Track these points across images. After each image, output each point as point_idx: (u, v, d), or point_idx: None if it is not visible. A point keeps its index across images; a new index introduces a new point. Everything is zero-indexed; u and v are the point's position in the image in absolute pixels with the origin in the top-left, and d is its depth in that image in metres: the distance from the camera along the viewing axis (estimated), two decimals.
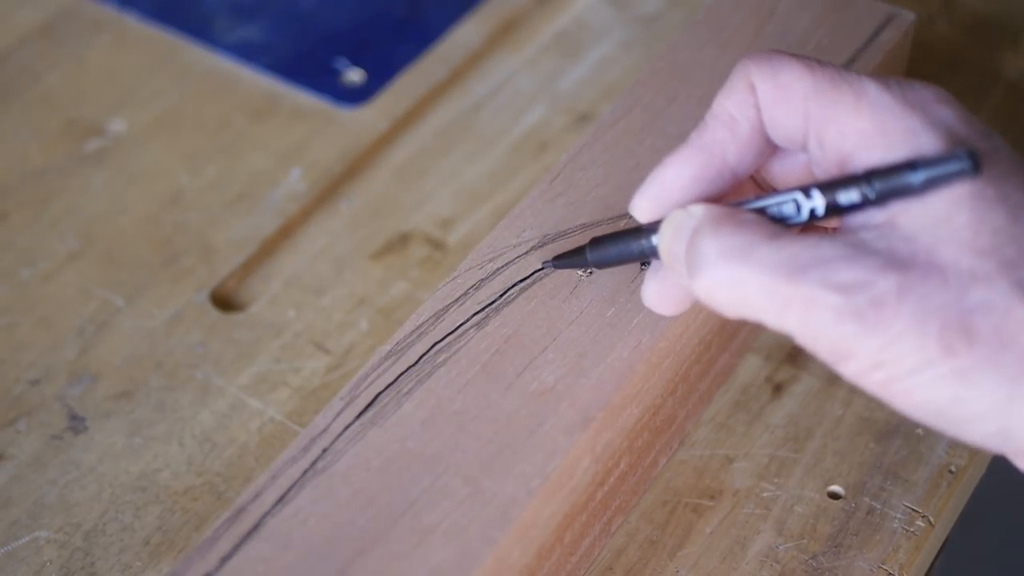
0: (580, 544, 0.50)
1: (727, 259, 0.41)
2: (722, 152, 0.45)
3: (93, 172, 0.67)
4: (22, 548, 0.53)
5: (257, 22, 0.74)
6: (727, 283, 0.41)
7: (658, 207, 0.46)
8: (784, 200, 0.43)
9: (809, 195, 0.43)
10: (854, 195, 0.41)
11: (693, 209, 0.44)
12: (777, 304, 0.40)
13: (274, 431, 0.57)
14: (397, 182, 0.67)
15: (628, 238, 0.47)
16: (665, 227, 0.45)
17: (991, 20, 0.73)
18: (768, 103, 0.44)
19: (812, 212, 0.43)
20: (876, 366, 0.40)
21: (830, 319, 0.39)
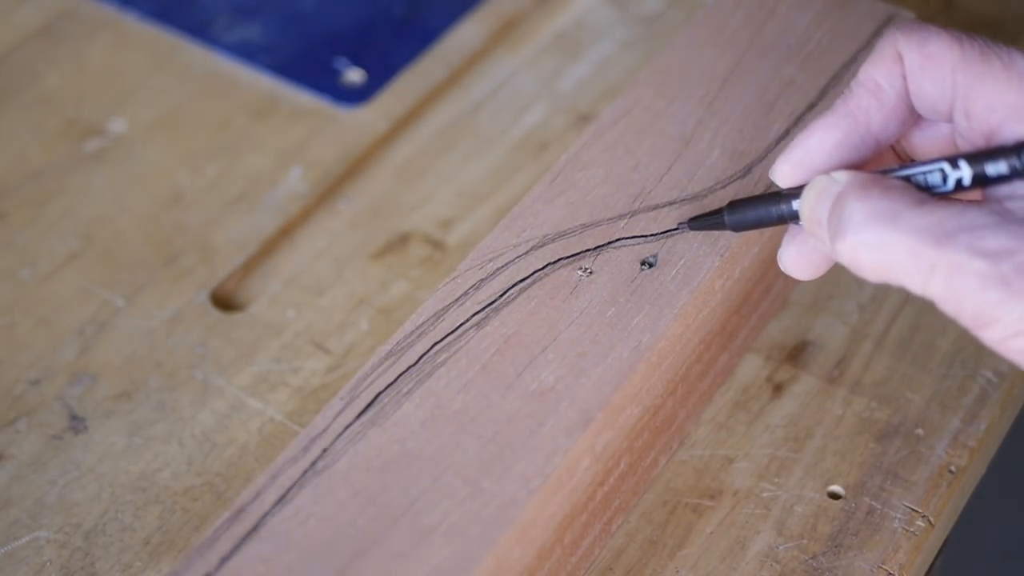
0: (580, 544, 0.50)
1: (874, 222, 0.41)
2: (867, 119, 0.45)
3: (93, 172, 0.67)
4: (22, 548, 0.53)
5: (257, 22, 0.74)
6: (873, 246, 0.42)
7: (802, 172, 0.46)
8: (931, 169, 0.44)
9: (956, 165, 0.43)
10: (1003, 167, 0.42)
11: (837, 175, 0.44)
12: (923, 268, 0.41)
13: (274, 431, 0.57)
14: (397, 182, 0.67)
15: (768, 202, 0.48)
16: (808, 192, 0.45)
17: (991, 20, 0.73)
18: (915, 73, 0.44)
19: (959, 182, 0.43)
20: (1018, 333, 0.40)
21: (975, 284, 0.40)
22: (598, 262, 0.51)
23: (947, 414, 0.57)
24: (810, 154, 0.46)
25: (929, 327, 0.60)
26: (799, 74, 0.57)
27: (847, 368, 0.58)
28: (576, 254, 0.51)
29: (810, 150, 0.46)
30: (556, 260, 0.51)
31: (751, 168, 0.54)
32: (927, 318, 0.60)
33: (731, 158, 0.54)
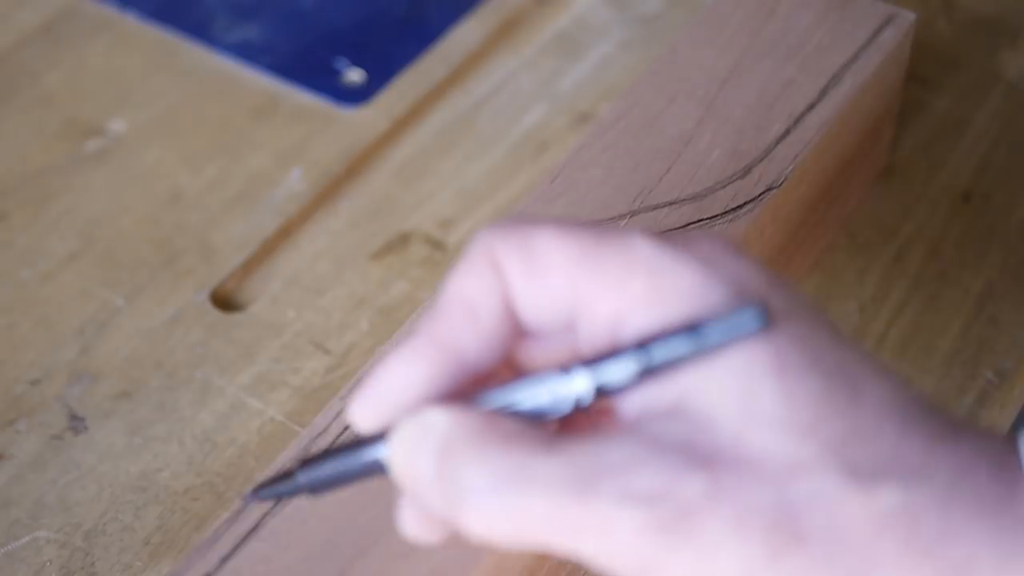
0: None
1: (502, 488, 0.34)
2: (459, 346, 0.36)
3: (93, 172, 0.67)
4: (22, 548, 0.53)
5: (257, 22, 0.74)
6: (504, 516, 0.34)
7: (384, 414, 0.37)
8: (540, 389, 0.35)
9: (571, 377, 0.35)
10: (627, 371, 0.34)
11: (432, 418, 0.35)
12: (569, 529, 0.34)
13: (274, 431, 0.57)
14: (397, 182, 0.67)
15: (348, 454, 0.38)
16: (396, 444, 0.36)
17: (991, 20, 0.73)
18: (521, 283, 0.36)
19: (578, 401, 0.35)
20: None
21: (633, 538, 0.33)
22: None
23: None
24: (391, 394, 0.36)
25: (929, 327, 0.60)
26: (799, 74, 0.57)
27: None
28: None
29: (391, 389, 0.36)
30: None
31: (751, 168, 0.54)
32: (927, 318, 0.60)
33: (731, 158, 0.54)
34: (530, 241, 0.36)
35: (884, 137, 0.64)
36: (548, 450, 0.34)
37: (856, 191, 0.63)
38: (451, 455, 0.35)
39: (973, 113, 0.68)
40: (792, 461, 0.33)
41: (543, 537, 0.34)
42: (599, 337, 0.36)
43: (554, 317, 0.37)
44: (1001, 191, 0.65)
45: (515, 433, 0.35)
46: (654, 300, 0.35)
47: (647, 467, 0.33)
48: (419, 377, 0.36)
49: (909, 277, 0.62)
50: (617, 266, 0.35)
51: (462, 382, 0.37)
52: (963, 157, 0.66)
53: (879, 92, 0.59)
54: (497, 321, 0.36)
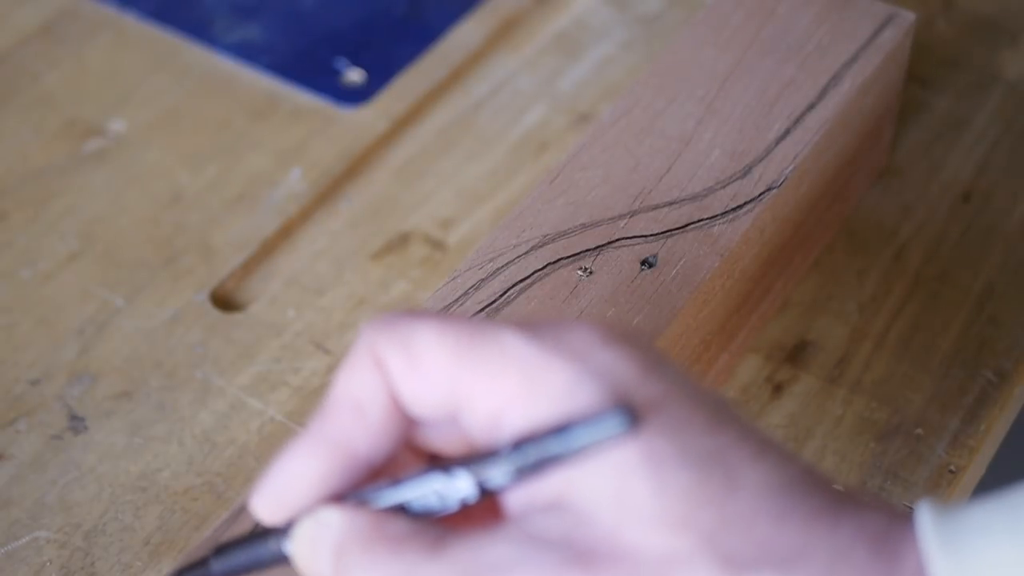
0: None
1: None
2: (350, 443, 0.37)
3: (93, 172, 0.67)
4: (22, 548, 0.53)
5: (257, 22, 0.74)
6: None
7: (283, 507, 0.38)
8: (426, 491, 0.37)
9: (454, 478, 0.36)
10: (505, 473, 0.35)
11: (326, 517, 0.37)
12: None
13: (274, 431, 0.57)
14: (397, 182, 0.67)
15: (257, 543, 0.39)
16: (297, 540, 0.38)
17: (991, 20, 0.73)
18: (403, 378, 0.37)
19: (463, 500, 0.36)
20: None
21: None
22: (598, 262, 0.51)
23: (947, 414, 0.57)
24: (289, 486, 0.37)
25: (929, 327, 0.60)
26: (799, 74, 0.57)
27: (847, 368, 0.58)
28: (576, 254, 0.51)
29: (289, 481, 0.37)
30: (556, 260, 0.51)
31: (751, 168, 0.54)
32: (927, 318, 0.60)
33: (731, 158, 0.54)
34: (410, 338, 0.37)
35: (884, 137, 0.64)
36: (433, 553, 0.35)
37: (856, 191, 0.63)
38: (344, 555, 0.36)
39: (973, 113, 0.68)
40: (667, 555, 0.33)
41: None
42: (481, 430, 0.36)
43: (438, 410, 0.37)
44: (1001, 191, 0.65)
45: (403, 535, 0.36)
46: (527, 398, 0.35)
47: (526, 566, 0.34)
48: (313, 473, 0.37)
49: (909, 277, 0.62)
50: (492, 364, 0.36)
51: (357, 474, 0.37)
52: (963, 157, 0.66)
53: (879, 92, 0.59)
54: (384, 415, 0.37)
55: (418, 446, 0.39)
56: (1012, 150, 0.67)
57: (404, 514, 0.37)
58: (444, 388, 0.37)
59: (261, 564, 0.39)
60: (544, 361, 0.35)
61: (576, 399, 0.35)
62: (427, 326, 0.37)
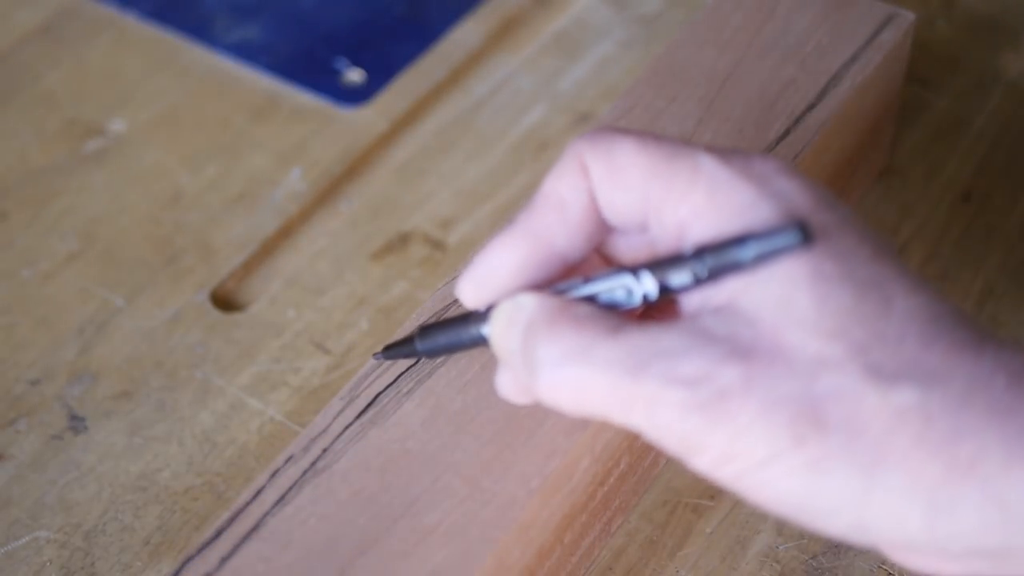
0: (580, 544, 0.50)
1: (567, 361, 0.39)
2: (550, 238, 0.42)
3: (93, 172, 0.67)
4: (22, 548, 0.53)
5: (257, 22, 0.74)
6: (569, 386, 0.39)
7: (485, 293, 0.43)
8: (614, 286, 0.41)
9: (639, 278, 0.40)
10: (686, 276, 0.39)
11: (522, 301, 0.41)
12: (622, 403, 0.38)
13: (274, 431, 0.57)
14: (397, 182, 0.67)
15: (458, 326, 0.44)
16: (495, 320, 0.42)
17: (991, 20, 0.73)
18: (603, 185, 0.41)
19: (645, 296, 0.40)
20: (727, 459, 0.38)
21: (676, 414, 0.38)
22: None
23: None
24: (492, 273, 0.42)
25: None
26: (799, 74, 0.57)
27: None
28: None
29: (492, 269, 0.42)
30: None
31: None
32: None
33: None
34: (613, 150, 0.41)
35: (884, 137, 0.64)
36: (611, 335, 0.39)
37: (856, 191, 0.63)
38: (532, 333, 0.40)
39: (973, 113, 0.68)
40: (819, 358, 0.37)
41: (600, 408, 0.39)
42: (666, 239, 0.41)
43: (631, 218, 0.42)
44: (1001, 191, 0.65)
45: (586, 318, 0.40)
46: (713, 211, 0.39)
47: (693, 355, 0.38)
48: (514, 262, 0.42)
49: None
50: (684, 178, 0.40)
51: (553, 268, 0.42)
52: (963, 157, 0.66)
53: (879, 92, 0.59)
54: (583, 216, 0.42)
55: (606, 254, 0.44)
56: (1012, 150, 0.67)
57: (590, 302, 0.41)
58: (638, 197, 0.41)
59: (460, 345, 0.45)
60: (731, 180, 0.39)
61: (756, 215, 0.39)
62: (630, 141, 0.41)
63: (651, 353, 0.38)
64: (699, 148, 0.41)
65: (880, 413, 0.37)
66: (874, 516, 0.37)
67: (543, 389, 0.40)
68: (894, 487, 0.37)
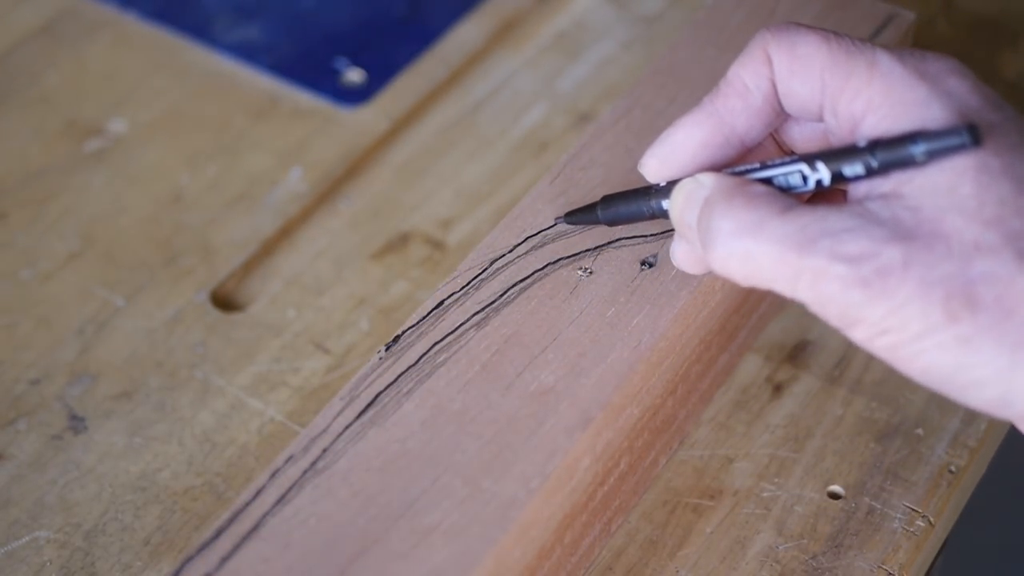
0: (580, 544, 0.50)
1: (740, 234, 0.42)
2: (732, 120, 0.46)
3: (93, 172, 0.67)
4: (22, 548, 0.53)
5: (257, 22, 0.74)
6: (741, 256, 0.42)
7: (667, 167, 0.47)
8: (790, 171, 0.44)
9: (815, 167, 0.44)
10: (858, 167, 0.42)
11: (703, 179, 0.45)
12: (788, 275, 0.42)
13: (274, 431, 0.57)
14: (397, 182, 0.67)
15: (639, 198, 0.48)
16: (676, 195, 0.46)
17: (991, 20, 0.73)
18: (784, 74, 0.45)
19: (819, 183, 0.44)
20: (883, 332, 0.41)
21: (838, 288, 0.41)
22: (598, 262, 0.51)
23: (947, 414, 0.57)
24: (676, 150, 0.47)
25: None
26: None
27: (847, 368, 0.58)
28: (576, 254, 0.51)
29: (676, 146, 0.47)
30: (556, 260, 0.51)
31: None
32: None
33: None
34: (796, 42, 0.44)
35: None
36: (783, 213, 0.42)
37: None
38: (709, 206, 0.44)
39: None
40: (976, 242, 0.40)
41: (768, 279, 0.42)
42: (840, 131, 0.44)
43: (807, 108, 0.45)
44: None
45: (760, 196, 0.43)
46: (887, 107, 0.43)
47: (859, 234, 0.41)
48: (698, 139, 0.46)
49: None
50: (861, 74, 0.43)
51: (732, 150, 0.46)
52: None
53: None
54: (764, 101, 0.46)
55: (780, 140, 0.48)
56: None
57: (766, 184, 0.44)
58: (817, 89, 0.44)
59: (640, 215, 0.49)
60: (905, 78, 0.42)
61: (928, 113, 0.42)
62: (812, 35, 0.44)
63: (819, 231, 0.41)
64: (877, 47, 0.43)
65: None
66: (1018, 391, 0.40)
67: (717, 259, 0.43)
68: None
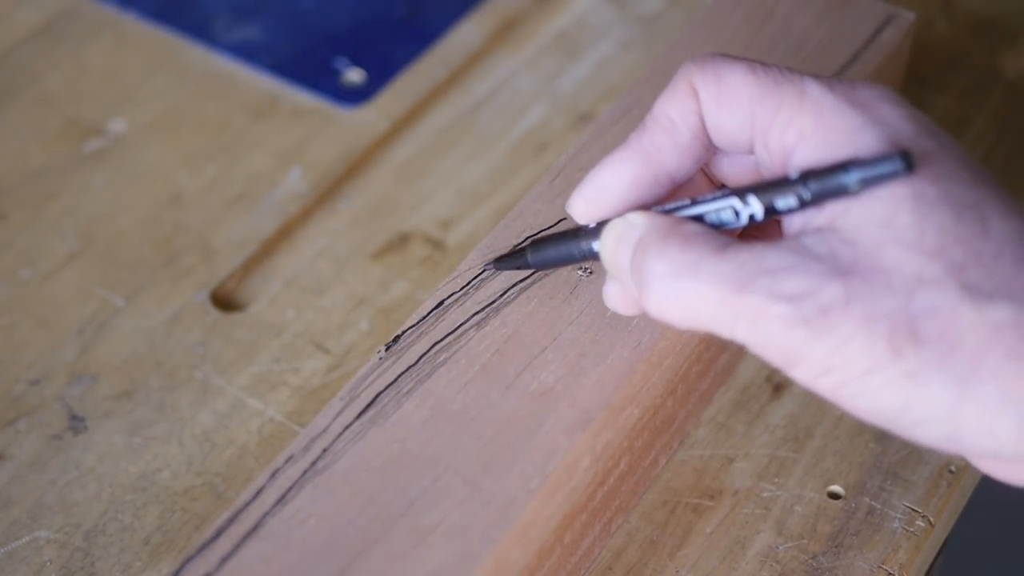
0: (580, 544, 0.50)
1: (676, 276, 0.41)
2: (660, 158, 0.45)
3: (93, 172, 0.67)
4: (22, 548, 0.53)
5: (257, 22, 0.74)
6: (677, 299, 0.41)
7: (595, 208, 0.46)
8: (722, 207, 0.43)
9: (746, 201, 0.43)
10: (791, 199, 0.41)
11: (633, 219, 0.44)
12: (728, 317, 0.41)
13: (274, 431, 0.57)
14: (397, 182, 0.67)
15: (568, 240, 0.47)
16: (606, 237, 0.45)
17: (991, 20, 0.73)
18: (711, 107, 0.44)
19: (751, 217, 0.43)
20: (826, 371, 0.40)
21: (779, 327, 0.40)
22: (598, 262, 0.51)
23: None
24: (603, 190, 0.45)
25: None
26: None
27: None
28: None
29: (603, 186, 0.45)
30: None
31: None
32: None
33: None
34: (722, 74, 0.43)
35: None
36: (718, 252, 0.41)
37: None
38: (642, 248, 0.42)
39: (973, 113, 0.68)
40: (918, 276, 0.39)
41: (707, 321, 0.41)
42: (772, 162, 0.43)
43: (737, 141, 0.44)
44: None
45: (695, 236, 0.42)
46: (818, 136, 0.42)
47: (796, 272, 0.40)
48: (626, 179, 0.45)
49: None
50: (790, 104, 0.42)
51: (661, 187, 0.45)
52: None
53: None
54: (691, 137, 0.45)
55: (710, 174, 0.47)
56: (1012, 150, 0.67)
57: (699, 222, 0.43)
58: (745, 121, 0.43)
59: (570, 258, 0.47)
60: (837, 106, 0.42)
61: (861, 141, 0.41)
62: (738, 66, 0.43)
63: (757, 270, 0.40)
64: (805, 75, 0.43)
65: (975, 328, 0.38)
66: (966, 426, 0.39)
67: (652, 302, 0.42)
68: (986, 398, 0.38)
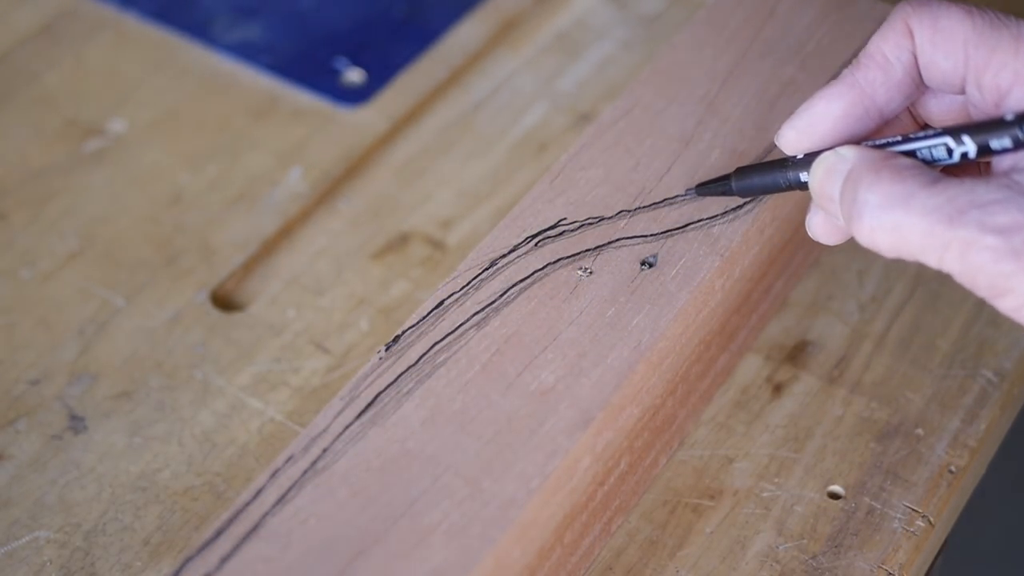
0: (580, 544, 0.50)
1: (888, 207, 0.43)
2: (872, 92, 0.46)
3: (93, 172, 0.67)
4: (22, 548, 0.53)
5: (257, 22, 0.74)
6: (889, 228, 0.43)
7: (805, 139, 0.47)
8: (935, 144, 0.44)
9: (960, 140, 0.44)
10: (1006, 140, 0.43)
11: (845, 152, 0.45)
12: (937, 247, 0.42)
13: (274, 431, 0.57)
14: (397, 182, 0.67)
15: (775, 169, 0.48)
16: (816, 168, 0.46)
17: None
18: (926, 47, 0.45)
19: (964, 155, 0.44)
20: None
21: (988, 259, 0.41)
22: (598, 262, 0.51)
23: (947, 414, 0.57)
24: (814, 121, 0.47)
25: (929, 327, 0.60)
26: (799, 74, 0.57)
27: (847, 368, 0.58)
28: (576, 254, 0.51)
29: (815, 117, 0.47)
30: (556, 260, 0.51)
31: None
32: (927, 318, 0.60)
33: (731, 158, 0.54)
34: (938, 17, 0.45)
35: None
36: (930, 185, 0.42)
37: None
38: (854, 179, 0.44)
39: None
40: None
41: (916, 251, 0.42)
42: (985, 103, 0.45)
43: (949, 81, 0.45)
44: None
45: (906, 168, 0.43)
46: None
47: (1008, 205, 0.41)
48: (837, 111, 0.46)
49: (909, 277, 0.62)
50: (1005, 48, 0.43)
51: (871, 121, 0.47)
52: None
53: None
54: (904, 74, 0.46)
55: (917, 114, 0.49)
56: None
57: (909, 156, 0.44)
58: (959, 62, 0.45)
59: (775, 187, 0.49)
60: None
61: None
62: (955, 9, 0.45)
63: (968, 202, 0.41)
64: (1022, 20, 0.44)
65: None
66: None
67: (863, 231, 0.43)
68: None
